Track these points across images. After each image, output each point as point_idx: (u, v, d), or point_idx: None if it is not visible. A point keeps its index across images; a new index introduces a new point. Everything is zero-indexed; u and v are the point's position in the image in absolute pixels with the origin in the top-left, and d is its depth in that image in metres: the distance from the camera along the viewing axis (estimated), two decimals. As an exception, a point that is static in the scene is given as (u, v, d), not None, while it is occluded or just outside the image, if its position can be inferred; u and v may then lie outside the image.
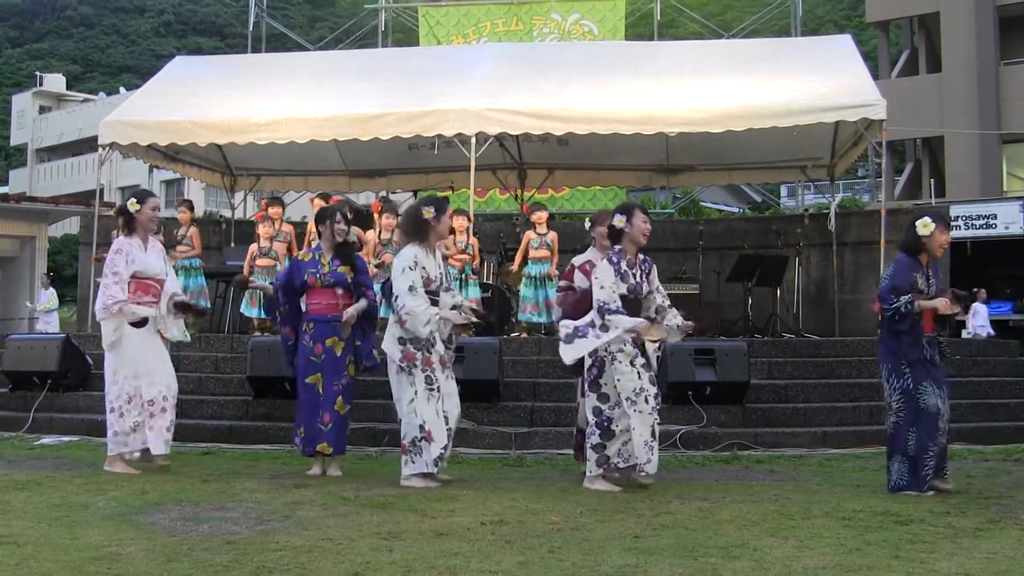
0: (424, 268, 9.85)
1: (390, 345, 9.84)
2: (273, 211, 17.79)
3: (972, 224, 27.75)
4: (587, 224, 10.70)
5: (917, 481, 9.29)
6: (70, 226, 53.90)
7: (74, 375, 14.88)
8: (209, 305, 17.43)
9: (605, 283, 9.59)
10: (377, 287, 10.99)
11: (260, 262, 17.21)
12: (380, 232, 16.68)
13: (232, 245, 20.49)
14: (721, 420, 13.08)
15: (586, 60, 19.54)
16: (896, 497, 9.04)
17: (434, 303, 9.83)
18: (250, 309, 17.41)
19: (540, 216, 17.00)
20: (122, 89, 67.55)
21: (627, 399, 9.46)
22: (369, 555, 6.56)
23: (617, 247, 9.79)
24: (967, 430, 13.24)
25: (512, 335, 16.42)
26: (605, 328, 9.49)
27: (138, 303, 10.58)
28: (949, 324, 10.22)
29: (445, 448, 9.70)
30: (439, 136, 17.37)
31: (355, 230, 13.75)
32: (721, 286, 18.87)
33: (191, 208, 18.72)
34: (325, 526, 7.49)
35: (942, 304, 9.31)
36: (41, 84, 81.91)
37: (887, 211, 16.81)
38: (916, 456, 9.30)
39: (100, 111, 48.81)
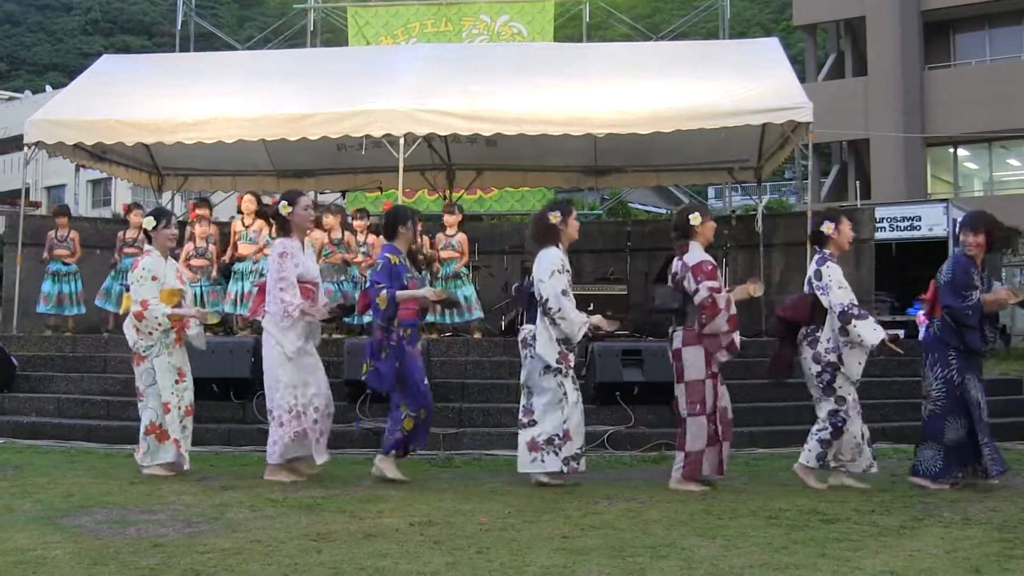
0: (568, 271, 9.96)
1: (545, 347, 9.82)
2: (203, 211, 17.70)
3: (896, 226, 27.93)
4: (695, 219, 10.23)
5: (946, 472, 9.70)
6: (-6, 225, 53.27)
7: (-2, 376, 14.67)
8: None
9: (843, 283, 9.79)
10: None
11: (195, 262, 17.10)
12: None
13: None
14: (649, 420, 13.12)
15: (515, 61, 19.54)
16: (823, 496, 9.14)
17: None
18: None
19: (449, 219, 17.02)
20: (48, 87, 66.67)
21: (854, 400, 9.82)
22: (298, 557, 6.53)
23: (827, 251, 9.99)
24: (892, 429, 13.38)
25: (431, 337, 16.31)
26: (846, 331, 9.66)
27: None
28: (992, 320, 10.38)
29: (581, 448, 9.92)
30: (367, 137, 17.31)
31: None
32: (649, 287, 18.92)
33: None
34: (253, 528, 7.46)
35: (1005, 294, 9.87)
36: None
37: (813, 213, 16.96)
38: (953, 447, 9.67)
39: (26, 109, 48.03)
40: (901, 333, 22.64)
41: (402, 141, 16.83)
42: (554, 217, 10.05)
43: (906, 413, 13.95)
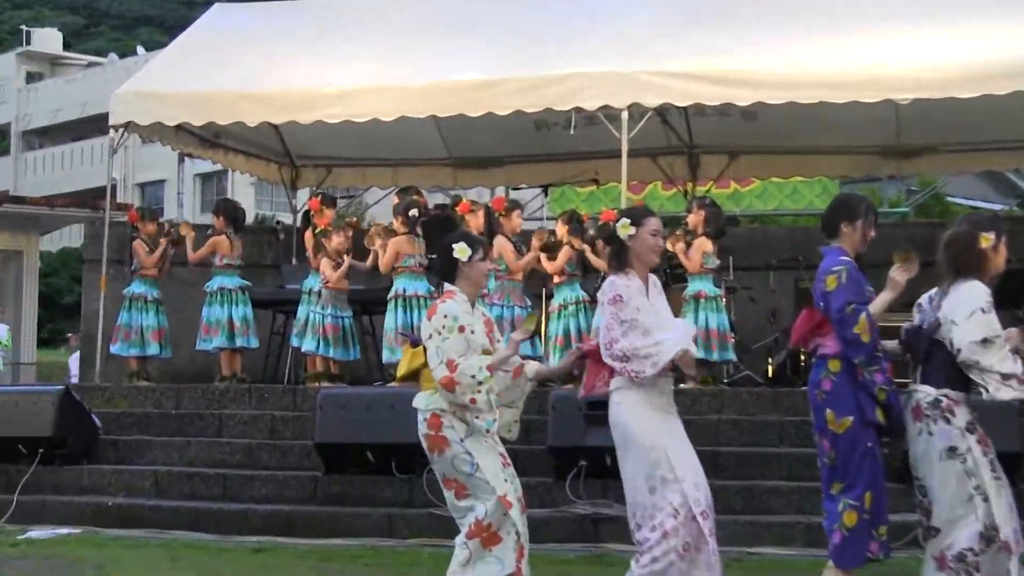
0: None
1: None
2: (331, 214, 17.85)
3: None
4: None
5: None
6: (70, 236, 53.99)
7: (75, 441, 14.79)
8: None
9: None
10: None
11: (339, 285, 17.01)
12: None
13: (294, 262, 20.16)
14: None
15: (778, 1, 19.33)
16: None
17: None
18: (313, 343, 17.01)
19: (690, 219, 16.68)
20: (140, 49, 68.42)
21: None
22: None
23: None
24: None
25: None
26: None
27: None
28: None
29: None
30: (576, 110, 17.19)
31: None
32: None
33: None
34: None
35: None
36: (29, 42, 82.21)
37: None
38: None
39: (111, 79, 49.31)
40: None
41: (625, 115, 16.74)
42: (986, 240, 9.88)
43: None
